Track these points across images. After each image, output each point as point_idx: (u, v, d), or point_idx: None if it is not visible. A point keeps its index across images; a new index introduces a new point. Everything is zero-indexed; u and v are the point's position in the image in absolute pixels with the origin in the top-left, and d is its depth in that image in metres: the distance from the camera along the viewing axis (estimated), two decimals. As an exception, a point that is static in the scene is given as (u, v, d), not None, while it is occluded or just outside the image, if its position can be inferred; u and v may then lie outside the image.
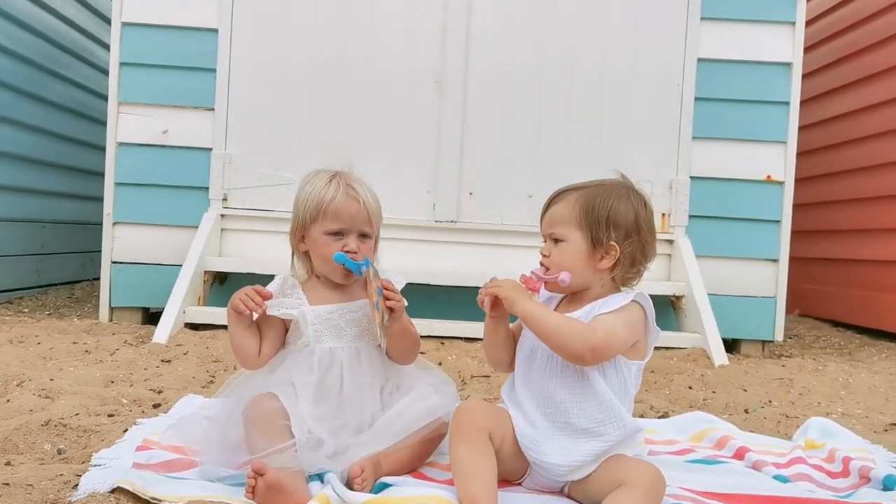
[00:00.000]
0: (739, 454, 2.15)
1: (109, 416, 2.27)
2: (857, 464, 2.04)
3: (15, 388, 2.56)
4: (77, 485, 1.65)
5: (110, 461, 1.80)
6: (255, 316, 1.89)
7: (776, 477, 2.00)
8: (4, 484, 1.62)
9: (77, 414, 2.23)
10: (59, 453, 1.96)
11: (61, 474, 1.71)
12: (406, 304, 1.87)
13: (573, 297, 1.80)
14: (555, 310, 1.79)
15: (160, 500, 1.57)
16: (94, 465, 1.79)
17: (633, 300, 1.73)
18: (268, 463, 1.62)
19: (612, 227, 1.72)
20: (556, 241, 1.75)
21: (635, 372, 1.77)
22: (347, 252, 1.88)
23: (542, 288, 1.77)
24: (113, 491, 1.60)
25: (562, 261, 1.73)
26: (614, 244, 1.72)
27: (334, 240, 1.89)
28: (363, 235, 1.93)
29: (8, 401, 2.41)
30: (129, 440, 1.99)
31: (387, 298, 1.82)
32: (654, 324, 1.76)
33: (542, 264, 1.76)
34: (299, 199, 1.95)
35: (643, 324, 1.74)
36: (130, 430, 2.10)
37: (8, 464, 1.82)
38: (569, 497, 1.76)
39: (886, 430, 2.59)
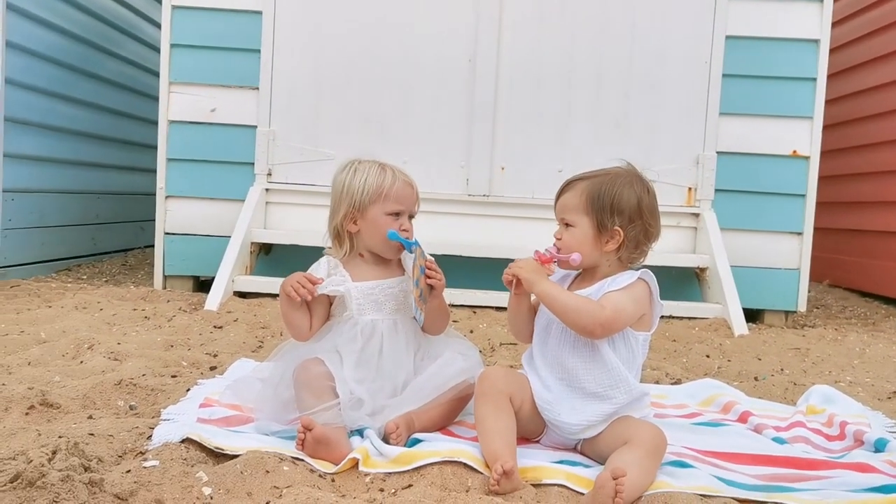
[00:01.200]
0: (743, 418, 2.34)
1: (172, 376, 2.52)
2: (852, 428, 2.21)
3: (86, 350, 2.83)
4: (151, 436, 1.90)
5: (178, 416, 2.05)
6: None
7: (775, 439, 2.18)
8: (90, 434, 1.88)
9: (144, 375, 2.49)
10: (132, 409, 2.22)
11: (136, 427, 1.97)
12: (445, 281, 2.08)
13: (585, 274, 2.00)
14: (569, 287, 1.99)
15: (223, 450, 1.81)
16: (164, 420, 2.03)
17: (639, 278, 1.92)
18: (315, 419, 1.85)
19: (616, 213, 1.91)
20: (567, 225, 1.95)
21: (642, 342, 1.96)
22: (402, 231, 2.09)
23: (556, 266, 1.96)
24: (182, 441, 1.84)
25: (572, 244, 1.93)
26: (618, 229, 1.91)
27: (393, 220, 2.10)
28: (410, 216, 2.15)
29: (81, 362, 2.68)
30: (192, 398, 2.24)
31: (429, 277, 2.04)
32: (658, 298, 1.94)
33: (555, 245, 1.96)
34: (350, 186, 2.12)
35: (648, 299, 1.93)
36: (192, 389, 2.35)
37: (90, 417, 2.08)
38: (581, 453, 1.96)
39: (889, 398, 2.74)
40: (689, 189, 4.46)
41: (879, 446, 2.08)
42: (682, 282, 4.45)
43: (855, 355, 3.57)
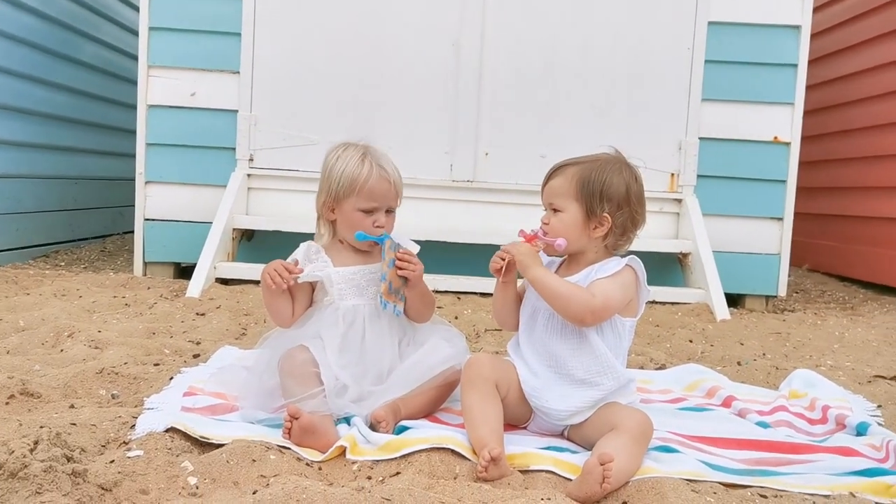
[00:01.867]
0: (727, 402, 2.36)
1: (155, 365, 2.49)
2: (834, 412, 2.23)
3: (66, 339, 2.80)
4: (134, 425, 1.88)
5: (161, 405, 2.03)
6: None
7: (758, 423, 2.20)
8: (72, 424, 1.85)
9: (126, 363, 2.45)
10: (114, 398, 2.19)
11: (119, 416, 1.94)
12: (422, 270, 2.06)
13: (571, 260, 1.99)
14: (555, 273, 1.98)
15: (209, 439, 1.80)
16: (148, 409, 2.01)
17: (626, 265, 1.92)
18: (301, 407, 1.83)
19: (606, 199, 1.90)
20: (555, 210, 1.94)
21: (629, 328, 1.96)
22: (377, 227, 2.07)
23: (541, 246, 1.95)
24: (167, 430, 1.82)
25: (559, 229, 1.92)
26: (607, 215, 1.90)
27: (365, 216, 2.08)
28: (388, 210, 2.12)
29: (62, 351, 2.65)
30: (176, 387, 2.21)
31: (400, 269, 2.02)
32: (644, 284, 1.95)
33: (542, 229, 1.95)
34: (331, 173, 2.10)
35: (635, 285, 1.93)
36: (175, 377, 2.33)
37: (72, 406, 2.05)
38: (568, 439, 1.97)
39: (870, 382, 2.77)
40: (672, 175, 4.48)
41: (861, 430, 2.11)
42: (664, 267, 4.47)
43: (835, 339, 3.61)
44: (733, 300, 4.45)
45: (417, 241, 2.17)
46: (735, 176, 4.54)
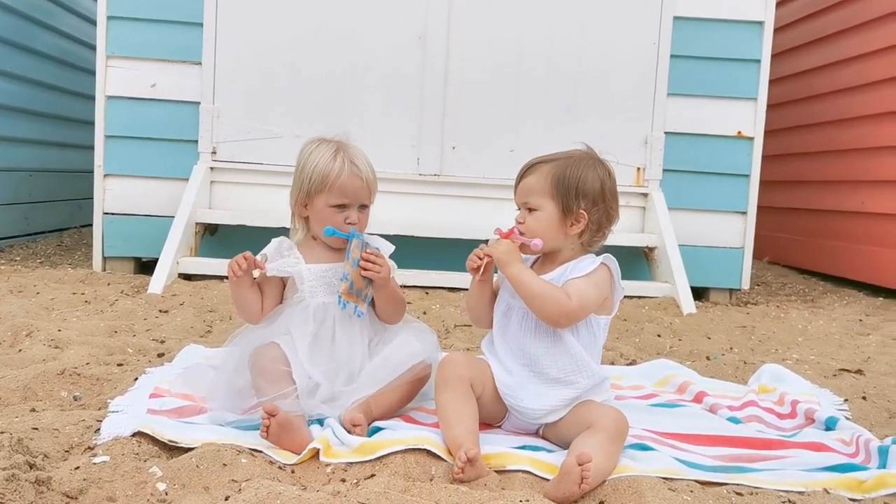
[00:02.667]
0: (698, 398, 2.37)
1: (118, 365, 2.42)
2: (803, 406, 2.25)
3: (25, 338, 2.71)
4: (99, 429, 1.81)
5: (127, 408, 1.96)
6: (257, 275, 2.05)
7: (730, 419, 2.21)
8: (34, 428, 1.79)
9: (87, 363, 2.38)
10: (76, 400, 2.12)
11: (83, 420, 1.88)
12: (388, 272, 2.02)
13: (546, 258, 1.97)
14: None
15: (177, 443, 1.74)
16: (112, 412, 1.94)
17: (601, 263, 1.90)
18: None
19: (581, 196, 1.88)
20: (530, 209, 1.92)
21: (603, 326, 1.95)
22: (349, 223, 2.03)
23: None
24: (134, 434, 1.76)
25: (536, 228, 1.90)
26: (583, 212, 1.89)
27: (337, 212, 2.04)
28: (362, 206, 2.08)
29: (20, 351, 2.56)
30: (141, 388, 2.15)
31: (364, 269, 1.98)
32: (619, 282, 1.94)
33: (517, 229, 1.93)
34: (303, 169, 2.06)
35: (610, 283, 1.92)
36: (140, 378, 2.26)
37: (33, 410, 1.98)
38: (543, 438, 1.96)
39: (835, 375, 2.81)
40: (638, 169, 4.49)
41: (830, 424, 2.13)
42: (631, 261, 4.48)
43: (798, 332, 3.66)
44: (698, 293, 4.49)
45: (383, 236, 2.14)
46: (699, 170, 4.58)
